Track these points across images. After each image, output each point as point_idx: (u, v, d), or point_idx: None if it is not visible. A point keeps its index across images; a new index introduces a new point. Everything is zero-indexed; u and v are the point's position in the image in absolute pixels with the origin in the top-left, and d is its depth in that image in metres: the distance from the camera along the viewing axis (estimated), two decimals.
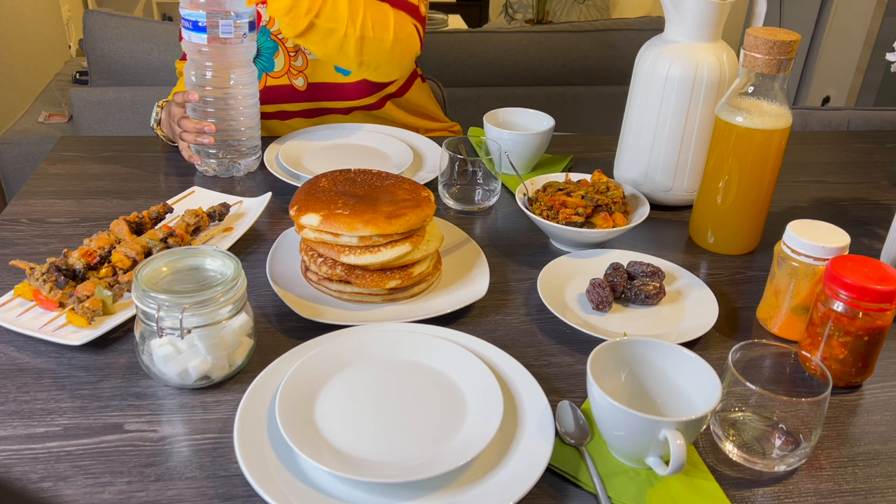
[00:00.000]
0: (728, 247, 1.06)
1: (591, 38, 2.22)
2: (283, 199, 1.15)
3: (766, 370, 0.75)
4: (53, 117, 2.42)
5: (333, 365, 0.77)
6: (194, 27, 1.10)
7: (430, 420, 0.72)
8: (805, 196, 1.26)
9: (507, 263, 1.02)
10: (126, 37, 2.05)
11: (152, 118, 1.32)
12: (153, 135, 1.33)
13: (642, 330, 0.88)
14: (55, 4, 3.43)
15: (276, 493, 0.63)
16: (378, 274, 0.88)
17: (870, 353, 0.79)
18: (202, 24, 1.09)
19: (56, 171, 1.21)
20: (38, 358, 0.80)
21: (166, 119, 1.25)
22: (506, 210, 1.16)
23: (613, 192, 1.05)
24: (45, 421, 0.72)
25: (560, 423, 0.73)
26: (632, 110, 1.15)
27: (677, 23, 1.08)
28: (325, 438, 0.69)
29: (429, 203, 0.92)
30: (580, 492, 0.67)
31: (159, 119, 1.30)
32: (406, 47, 1.25)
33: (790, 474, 0.70)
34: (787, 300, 0.87)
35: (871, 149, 1.46)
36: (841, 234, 0.84)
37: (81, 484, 0.66)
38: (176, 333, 0.72)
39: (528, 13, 4.26)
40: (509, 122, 1.29)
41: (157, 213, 1.02)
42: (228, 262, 0.77)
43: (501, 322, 0.90)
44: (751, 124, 0.96)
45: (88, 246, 0.91)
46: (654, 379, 0.74)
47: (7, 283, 0.91)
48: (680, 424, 0.64)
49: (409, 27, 1.25)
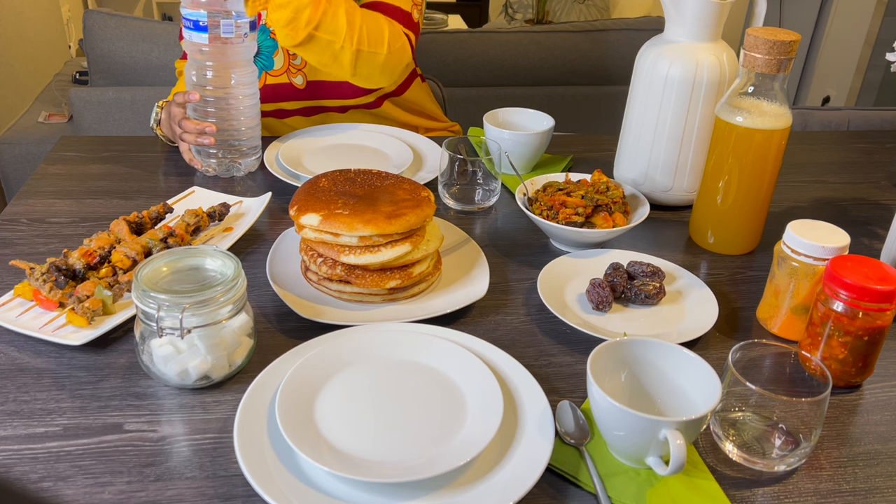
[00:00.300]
0: (728, 247, 1.06)
1: (591, 38, 2.22)
2: (283, 199, 1.15)
3: (766, 370, 0.75)
4: (53, 117, 2.42)
5: (333, 365, 0.77)
6: (195, 27, 1.10)
7: (430, 420, 0.72)
8: (805, 196, 1.26)
9: (507, 263, 1.02)
10: (126, 37, 2.05)
11: (152, 118, 1.32)
12: (153, 135, 1.33)
13: (642, 330, 0.88)
14: (55, 4, 3.43)
15: (276, 493, 0.63)
16: (378, 274, 0.88)
17: (870, 353, 0.79)
18: (203, 24, 1.09)
19: (56, 171, 1.21)
20: (38, 358, 0.80)
21: (166, 119, 1.25)
22: (506, 210, 1.16)
23: (613, 192, 1.05)
24: (45, 421, 0.72)
25: (560, 423, 0.73)
26: (632, 110, 1.15)
27: (677, 23, 1.08)
28: (325, 438, 0.69)
29: (429, 203, 0.92)
30: (580, 492, 0.67)
31: (159, 119, 1.30)
32: (398, 59, 1.27)
33: (790, 474, 0.70)
34: (787, 300, 0.87)
35: (871, 149, 1.46)
36: (841, 234, 0.84)
37: (81, 484, 0.66)
38: (176, 333, 0.72)
39: (528, 13, 4.26)
40: (509, 122, 1.29)
41: (157, 213, 1.02)
42: (228, 262, 0.77)
43: (501, 322, 0.90)
44: (751, 124, 0.96)
45: (88, 246, 0.91)
46: (654, 379, 0.74)
47: (7, 283, 0.91)
48: (680, 424, 0.64)
49: (401, 38, 1.27)
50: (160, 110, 1.30)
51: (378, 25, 1.24)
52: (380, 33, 1.23)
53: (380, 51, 1.23)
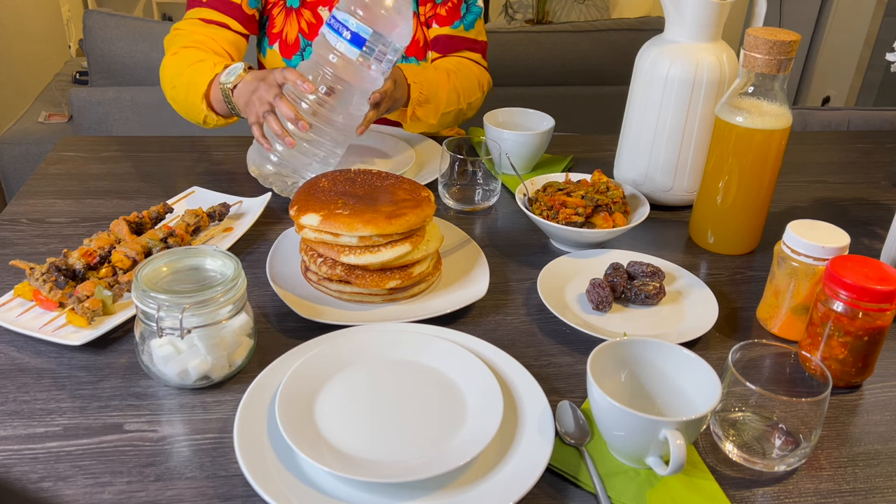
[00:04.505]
0: (728, 247, 1.06)
1: (591, 38, 2.22)
2: (283, 199, 1.15)
3: (766, 370, 0.75)
4: (53, 117, 2.42)
5: (333, 365, 0.77)
6: (353, 39, 0.99)
7: (430, 420, 0.72)
8: (805, 196, 1.26)
9: (507, 263, 1.02)
10: (126, 37, 2.05)
11: (231, 74, 1.12)
12: (153, 135, 1.32)
13: (642, 330, 0.88)
14: (55, 4, 3.43)
15: (276, 493, 0.63)
16: (378, 274, 0.88)
17: (870, 353, 0.79)
18: (362, 38, 0.98)
19: (56, 171, 1.21)
20: (38, 358, 0.80)
21: (251, 84, 1.07)
22: (506, 210, 1.16)
23: (613, 192, 1.05)
24: (45, 421, 0.72)
25: (560, 423, 0.73)
26: (632, 110, 1.15)
27: (677, 23, 1.07)
28: (325, 438, 0.69)
29: (429, 203, 0.92)
30: (580, 492, 0.67)
31: (236, 85, 1.11)
32: (481, 104, 1.39)
33: (790, 474, 0.70)
34: (787, 300, 0.87)
35: (871, 149, 1.46)
36: (841, 234, 0.84)
37: (81, 484, 0.66)
38: (176, 333, 0.72)
39: (528, 13, 4.26)
40: (509, 122, 1.29)
41: (156, 213, 1.02)
42: (228, 262, 0.77)
43: (501, 322, 0.90)
44: (751, 124, 0.96)
45: (88, 246, 0.91)
46: (654, 379, 0.74)
47: (7, 283, 0.91)
48: (680, 424, 0.64)
49: (485, 78, 1.39)
50: (245, 73, 1.11)
51: (471, 85, 1.33)
52: (474, 90, 1.34)
53: (475, 106, 1.36)
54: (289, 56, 1.32)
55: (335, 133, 1.06)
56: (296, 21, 1.30)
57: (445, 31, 1.35)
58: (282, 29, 1.31)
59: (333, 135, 1.06)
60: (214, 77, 1.14)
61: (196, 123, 1.23)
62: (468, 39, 1.37)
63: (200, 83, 1.15)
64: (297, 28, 1.30)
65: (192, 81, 1.16)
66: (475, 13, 1.38)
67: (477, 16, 1.38)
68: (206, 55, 1.19)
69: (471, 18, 1.37)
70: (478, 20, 1.39)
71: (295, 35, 1.31)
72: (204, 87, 1.14)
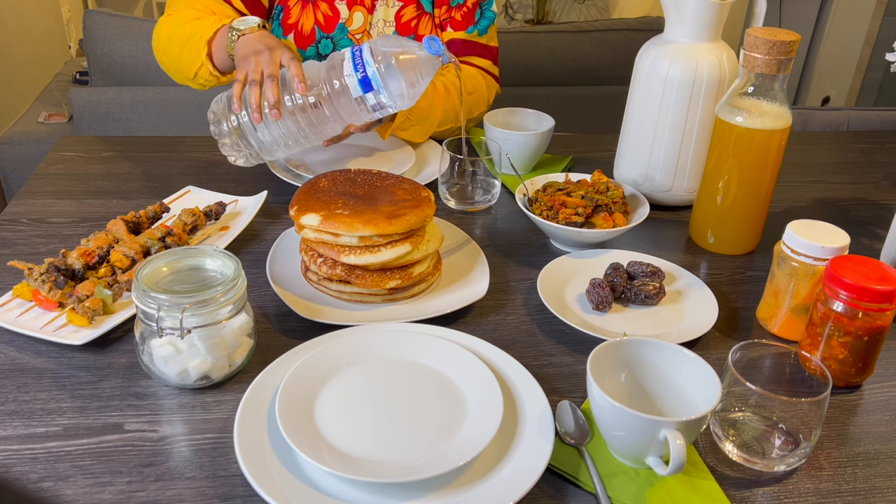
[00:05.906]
0: (728, 247, 1.06)
1: (591, 38, 2.22)
2: (283, 198, 1.15)
3: (766, 370, 0.75)
4: (53, 117, 2.42)
5: (333, 365, 0.77)
6: (363, 82, 0.99)
7: (430, 420, 0.72)
8: (805, 196, 1.26)
9: (507, 263, 1.02)
10: (126, 37, 2.05)
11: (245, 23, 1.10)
12: (153, 135, 1.32)
13: (642, 330, 0.88)
14: (55, 4, 3.43)
15: (276, 493, 0.63)
16: (378, 274, 0.88)
17: (870, 353, 0.79)
18: (372, 87, 1.00)
19: (56, 171, 1.21)
20: (38, 358, 0.80)
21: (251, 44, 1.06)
22: (506, 210, 1.16)
23: (613, 192, 1.05)
24: (45, 421, 0.72)
25: (560, 423, 0.73)
26: (632, 110, 1.15)
27: (677, 23, 1.08)
28: (325, 438, 0.69)
29: (429, 203, 0.92)
30: (580, 492, 0.67)
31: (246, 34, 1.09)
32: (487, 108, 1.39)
33: (790, 474, 0.70)
34: (787, 300, 0.87)
35: (871, 149, 1.46)
36: (841, 234, 0.84)
37: (81, 484, 0.66)
38: (176, 333, 0.72)
39: (528, 13, 4.26)
40: (509, 122, 1.29)
41: (153, 213, 1.02)
42: (228, 262, 0.77)
43: (501, 322, 0.90)
44: (751, 124, 0.96)
45: (86, 246, 0.91)
46: (654, 379, 0.74)
47: (7, 283, 0.91)
48: (680, 424, 0.64)
49: (493, 91, 1.38)
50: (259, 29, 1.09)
51: (477, 101, 1.32)
52: (480, 104, 1.34)
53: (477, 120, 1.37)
54: (304, 47, 1.32)
55: (298, 135, 1.07)
56: (312, 13, 1.30)
57: (460, 36, 1.35)
58: (297, 20, 1.31)
59: (296, 135, 1.07)
60: (222, 27, 1.13)
61: (184, 81, 1.20)
62: (480, 45, 1.38)
63: (207, 30, 1.14)
64: (312, 20, 1.30)
65: (195, 30, 1.14)
66: (489, 18, 1.38)
67: (491, 21, 1.38)
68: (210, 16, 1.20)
69: (485, 24, 1.37)
70: (491, 26, 1.39)
71: (311, 27, 1.31)
72: (210, 33, 1.13)
